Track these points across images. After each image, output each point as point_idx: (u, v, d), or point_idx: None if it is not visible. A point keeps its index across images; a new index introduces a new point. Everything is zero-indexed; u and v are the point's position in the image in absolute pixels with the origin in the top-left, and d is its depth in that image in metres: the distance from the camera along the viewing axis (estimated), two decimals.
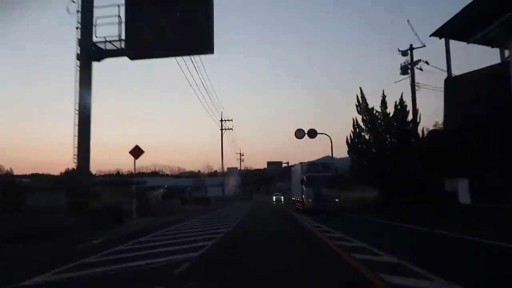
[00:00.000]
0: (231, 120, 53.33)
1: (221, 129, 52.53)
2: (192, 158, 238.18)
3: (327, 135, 33.86)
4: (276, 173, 75.86)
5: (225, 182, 69.52)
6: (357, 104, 25.86)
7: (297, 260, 7.54)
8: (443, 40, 22.56)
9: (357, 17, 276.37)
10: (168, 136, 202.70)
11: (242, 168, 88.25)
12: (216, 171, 79.10)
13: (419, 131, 24.08)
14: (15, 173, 67.82)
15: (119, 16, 15.27)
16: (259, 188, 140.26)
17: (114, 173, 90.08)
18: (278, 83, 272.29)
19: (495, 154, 16.02)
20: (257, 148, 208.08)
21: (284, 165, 67.04)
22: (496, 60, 20.74)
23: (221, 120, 51.89)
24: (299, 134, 32.08)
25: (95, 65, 15.28)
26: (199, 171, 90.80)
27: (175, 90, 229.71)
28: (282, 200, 56.52)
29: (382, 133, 24.26)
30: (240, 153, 75.18)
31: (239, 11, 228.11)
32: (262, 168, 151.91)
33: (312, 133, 32.38)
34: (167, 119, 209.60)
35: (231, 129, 53.86)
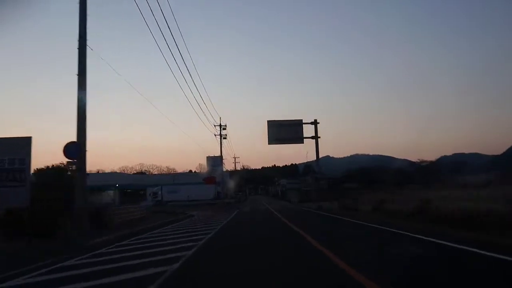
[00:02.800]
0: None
1: None
2: (189, 159, 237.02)
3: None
4: (287, 136, 33.72)
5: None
6: None
7: None
8: None
9: None
10: (165, 136, 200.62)
11: (236, 163, 71.87)
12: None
13: None
14: None
15: None
16: (256, 189, 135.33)
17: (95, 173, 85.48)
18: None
19: None
20: (254, 149, 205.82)
21: (306, 127, 32.83)
22: None
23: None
24: None
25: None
26: (190, 170, 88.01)
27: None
28: None
29: None
30: (220, 125, 45.87)
31: None
32: (259, 167, 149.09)
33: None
34: (162, 119, 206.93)
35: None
